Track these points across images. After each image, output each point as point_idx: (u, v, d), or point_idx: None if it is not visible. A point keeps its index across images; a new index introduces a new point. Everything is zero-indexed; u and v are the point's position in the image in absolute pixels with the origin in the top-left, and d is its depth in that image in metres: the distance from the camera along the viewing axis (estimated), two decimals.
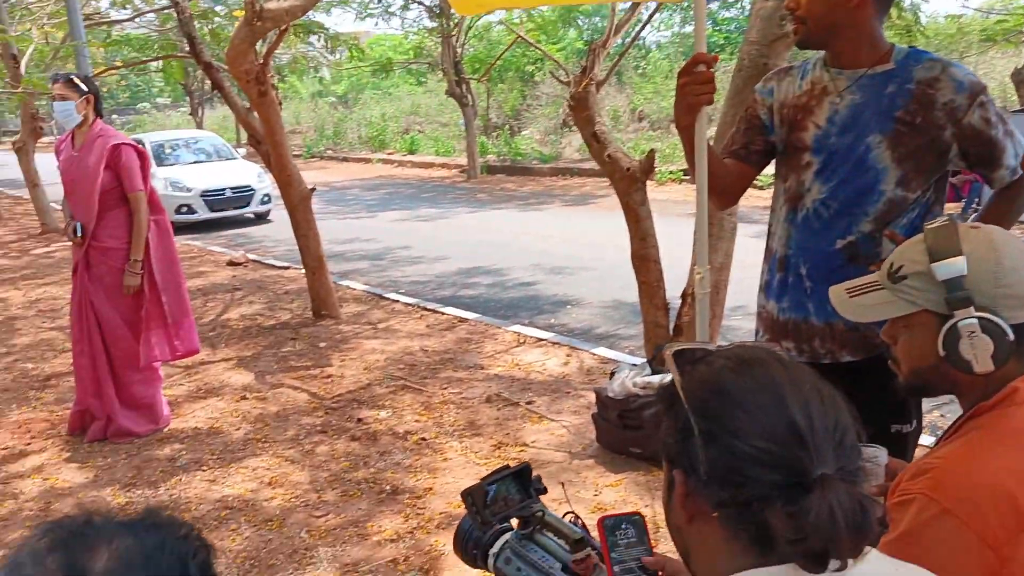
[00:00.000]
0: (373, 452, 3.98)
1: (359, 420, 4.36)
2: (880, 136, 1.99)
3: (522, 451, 3.88)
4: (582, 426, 4.15)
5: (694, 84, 2.06)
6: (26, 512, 3.55)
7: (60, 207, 11.81)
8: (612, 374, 4.14)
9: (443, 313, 6.47)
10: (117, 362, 4.21)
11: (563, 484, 3.53)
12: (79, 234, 4.14)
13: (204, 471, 3.86)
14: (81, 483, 3.81)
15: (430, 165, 19.34)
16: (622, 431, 3.79)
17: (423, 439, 4.09)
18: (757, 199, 7.77)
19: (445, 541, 3.08)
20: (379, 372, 5.11)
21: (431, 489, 3.57)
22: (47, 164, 8.91)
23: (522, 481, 1.58)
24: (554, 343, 5.57)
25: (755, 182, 2.29)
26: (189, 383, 5.10)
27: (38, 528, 0.89)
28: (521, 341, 5.66)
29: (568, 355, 5.31)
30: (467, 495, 1.53)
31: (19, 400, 4.98)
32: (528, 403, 4.49)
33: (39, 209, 11.89)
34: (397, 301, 6.94)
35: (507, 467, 1.55)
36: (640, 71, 19.60)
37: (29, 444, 4.31)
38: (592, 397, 4.20)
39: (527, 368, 5.08)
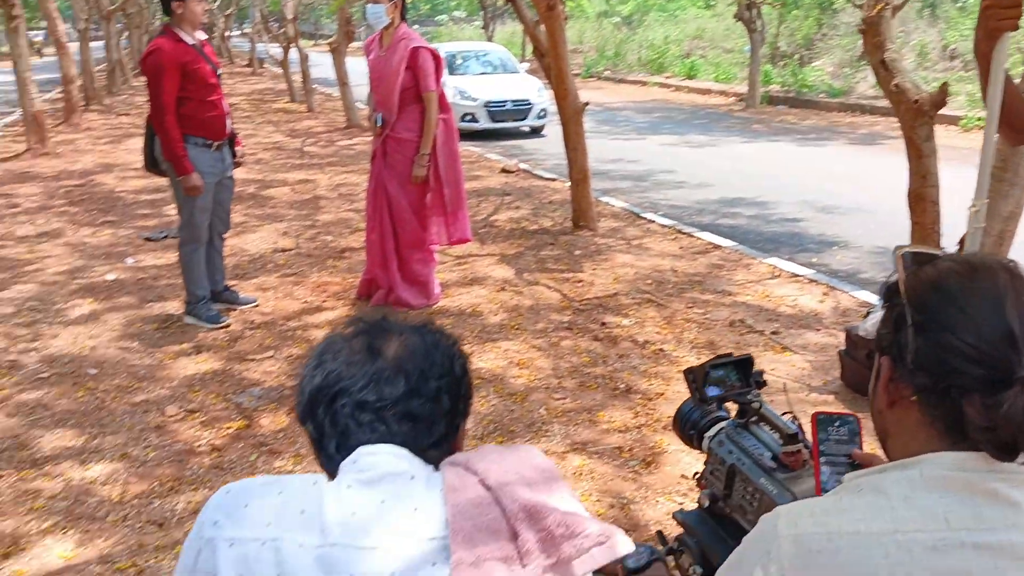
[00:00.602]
0: (612, 353, 4.20)
1: (603, 324, 4.60)
2: None
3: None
4: (826, 363, 4.07)
5: (998, 7, 1.93)
6: None
7: (364, 105, 13.10)
8: (867, 314, 4.00)
9: (698, 238, 6.47)
10: (402, 241, 4.75)
11: (784, 384, 3.54)
12: (379, 124, 4.68)
13: (464, 345, 4.30)
14: None
15: (707, 91, 18.82)
16: (869, 372, 3.67)
17: (661, 350, 4.24)
18: None
19: (670, 440, 3.24)
20: (627, 284, 5.29)
21: (663, 395, 3.73)
22: (356, 66, 9.91)
23: (743, 370, 1.67)
24: (811, 280, 5.40)
25: None
26: (459, 271, 5.62)
27: (345, 321, 1.18)
28: (776, 274, 5.55)
29: (825, 294, 5.14)
30: (689, 372, 1.66)
31: (319, 265, 5.79)
32: (773, 333, 4.46)
33: (346, 105, 13.26)
34: (653, 221, 7.03)
35: (730, 355, 1.65)
36: (959, 4, 17.46)
37: (324, 302, 5.04)
38: (842, 337, 4.09)
39: (777, 301, 5.00)
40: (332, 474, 1.04)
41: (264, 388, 3.86)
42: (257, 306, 4.95)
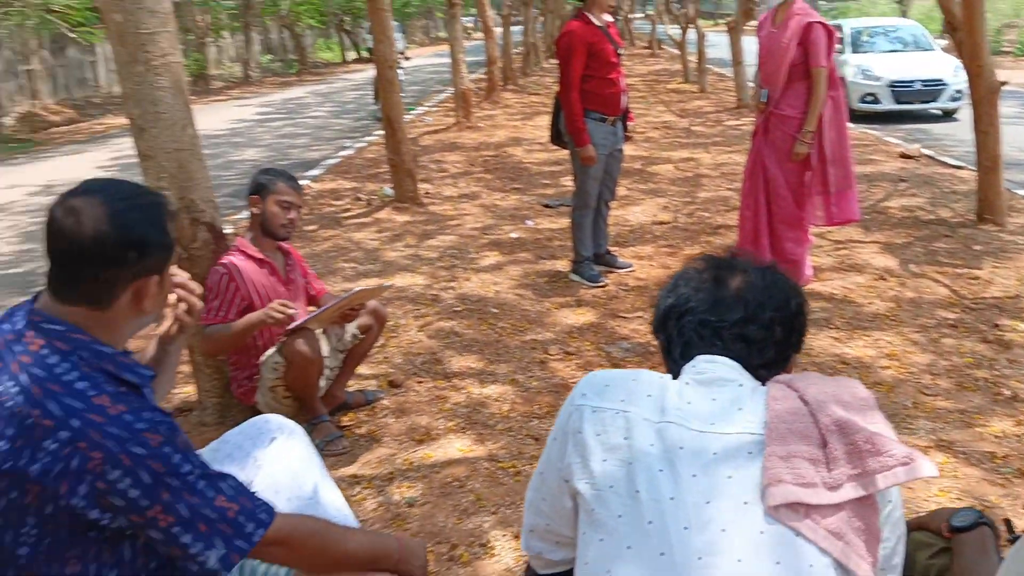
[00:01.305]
0: (1002, 358, 3.85)
1: (995, 325, 4.20)
2: None
3: None
4: None
5: None
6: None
7: (754, 84, 12.94)
8: None
9: None
10: (775, 218, 4.77)
11: None
12: (764, 101, 4.74)
13: (831, 330, 4.25)
14: None
15: None
16: None
17: None
18: None
19: None
20: None
21: None
22: (752, 45, 9.85)
23: None
24: None
25: None
26: (835, 255, 5.47)
27: (698, 257, 1.42)
28: None
29: None
30: None
31: (693, 240, 6.03)
32: None
33: (737, 85, 13.21)
34: None
35: None
36: None
37: None
38: None
39: None
40: (675, 375, 1.28)
41: (631, 343, 4.22)
42: (632, 271, 5.33)
